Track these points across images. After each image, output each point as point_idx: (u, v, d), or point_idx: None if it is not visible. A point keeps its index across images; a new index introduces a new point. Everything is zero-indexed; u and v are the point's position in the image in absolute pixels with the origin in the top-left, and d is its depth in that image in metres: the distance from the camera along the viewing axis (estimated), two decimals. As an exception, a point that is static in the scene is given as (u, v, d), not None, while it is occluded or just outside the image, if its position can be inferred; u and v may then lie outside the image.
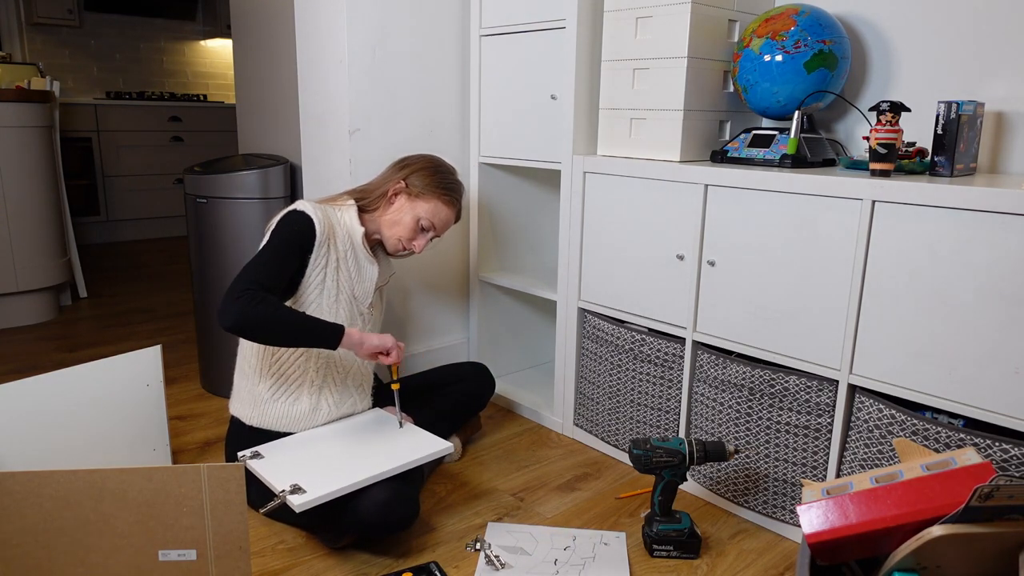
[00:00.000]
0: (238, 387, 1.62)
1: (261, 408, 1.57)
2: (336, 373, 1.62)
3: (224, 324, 1.37)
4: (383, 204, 1.65)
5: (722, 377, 1.62)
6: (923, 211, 1.29)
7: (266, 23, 2.40)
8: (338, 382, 1.63)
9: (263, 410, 1.57)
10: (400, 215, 1.64)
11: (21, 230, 2.89)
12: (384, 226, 1.65)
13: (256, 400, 1.57)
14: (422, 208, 1.64)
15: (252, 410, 1.58)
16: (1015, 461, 1.21)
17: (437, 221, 1.66)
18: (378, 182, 1.69)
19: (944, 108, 1.39)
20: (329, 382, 1.61)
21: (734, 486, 1.65)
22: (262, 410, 1.57)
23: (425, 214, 1.64)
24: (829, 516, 1.10)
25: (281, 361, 1.55)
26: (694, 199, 1.63)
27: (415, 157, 1.71)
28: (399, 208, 1.64)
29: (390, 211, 1.65)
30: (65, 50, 4.82)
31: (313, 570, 1.42)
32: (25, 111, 2.87)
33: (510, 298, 2.36)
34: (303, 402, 1.58)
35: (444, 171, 1.70)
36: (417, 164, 1.68)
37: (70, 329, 2.94)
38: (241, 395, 1.60)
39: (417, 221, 1.64)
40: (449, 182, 1.68)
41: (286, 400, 1.57)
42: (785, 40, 1.60)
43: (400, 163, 1.71)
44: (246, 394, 1.59)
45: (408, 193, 1.64)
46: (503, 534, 1.53)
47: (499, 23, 2.04)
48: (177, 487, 1.18)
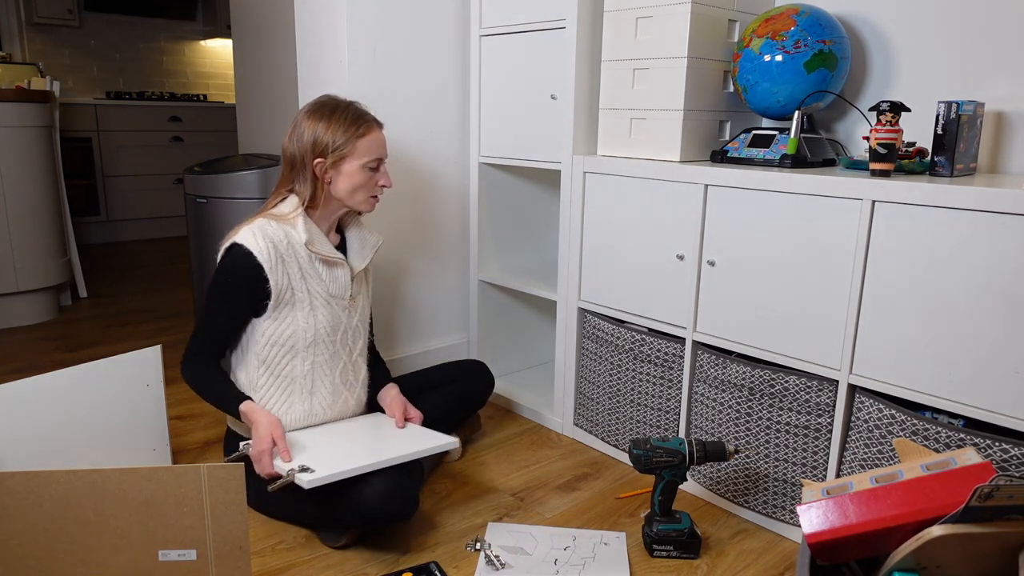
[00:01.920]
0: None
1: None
2: (324, 374, 1.59)
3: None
4: (321, 191, 1.53)
5: (722, 377, 1.62)
6: (923, 211, 1.29)
7: (266, 23, 2.40)
8: (327, 383, 1.60)
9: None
10: (347, 182, 1.52)
11: (21, 230, 2.89)
12: (345, 200, 1.55)
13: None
14: (356, 160, 1.51)
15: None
16: (1015, 461, 1.21)
17: (377, 153, 1.54)
18: (286, 185, 1.55)
19: (944, 108, 1.39)
20: (319, 384, 1.59)
21: (734, 486, 1.65)
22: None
23: (364, 157, 1.51)
24: (829, 516, 1.10)
25: (271, 370, 1.54)
26: (694, 199, 1.63)
27: (298, 131, 1.52)
28: (340, 179, 1.52)
29: (336, 189, 1.53)
30: (65, 50, 4.82)
31: (313, 570, 1.42)
32: (25, 111, 2.87)
33: (510, 298, 2.36)
34: (296, 408, 1.57)
35: (333, 111, 1.52)
36: (308, 134, 1.50)
37: (70, 329, 2.94)
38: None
39: (364, 169, 1.52)
40: (349, 117, 1.52)
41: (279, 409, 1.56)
42: (785, 40, 1.60)
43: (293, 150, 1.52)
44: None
45: (332, 163, 1.50)
46: (503, 534, 1.53)
47: (499, 23, 2.04)
48: (177, 487, 1.18)
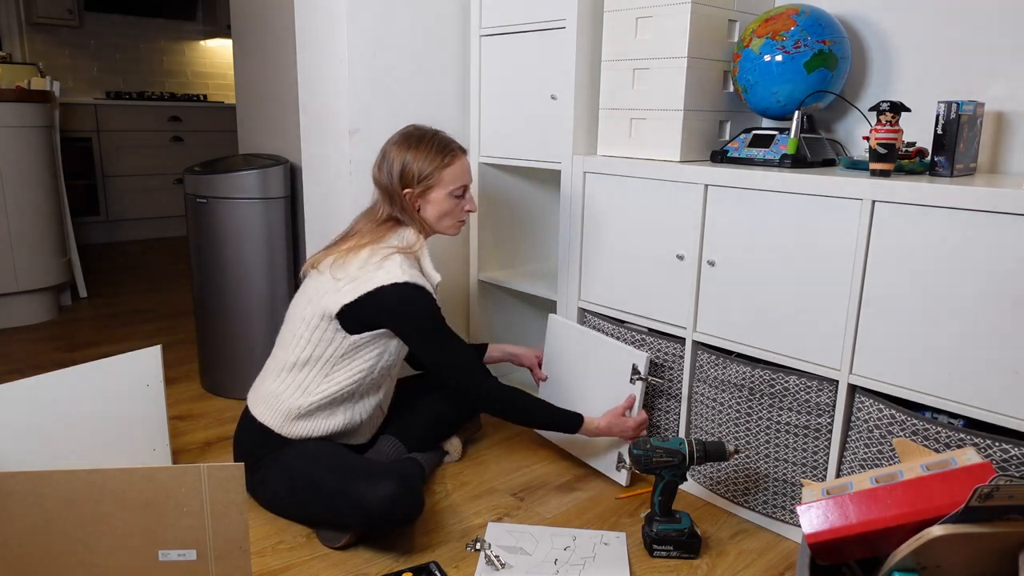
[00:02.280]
0: (272, 393, 1.57)
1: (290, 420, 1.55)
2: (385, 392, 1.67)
3: (482, 409, 1.70)
4: (414, 221, 1.60)
5: (722, 377, 1.62)
6: (923, 211, 1.29)
7: (266, 23, 2.40)
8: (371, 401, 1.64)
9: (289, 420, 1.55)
10: (435, 209, 1.60)
11: (21, 230, 2.89)
12: (434, 227, 1.63)
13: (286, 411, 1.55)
14: (442, 188, 1.58)
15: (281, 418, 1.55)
16: (1015, 461, 1.21)
17: (461, 180, 1.62)
18: (387, 213, 1.60)
19: (944, 108, 1.39)
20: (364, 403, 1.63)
21: (734, 486, 1.65)
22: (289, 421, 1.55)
23: (450, 186, 1.59)
24: (829, 516, 1.10)
25: (339, 383, 1.55)
26: (694, 199, 1.63)
27: (387, 161, 1.59)
28: (427, 207, 1.60)
29: (424, 216, 1.61)
30: (65, 50, 4.82)
31: (313, 570, 1.42)
32: (25, 111, 2.87)
33: (510, 298, 2.36)
34: (337, 417, 1.58)
35: (420, 141, 1.59)
36: (396, 164, 1.57)
37: (70, 329, 2.94)
38: (272, 403, 1.57)
39: (451, 196, 1.60)
40: (435, 146, 1.58)
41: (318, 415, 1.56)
42: (785, 40, 1.60)
43: (385, 182, 1.59)
44: (280, 404, 1.56)
45: (421, 193, 1.58)
46: (503, 534, 1.53)
47: (499, 23, 2.04)
48: (177, 487, 1.18)
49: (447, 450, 1.85)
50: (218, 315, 2.18)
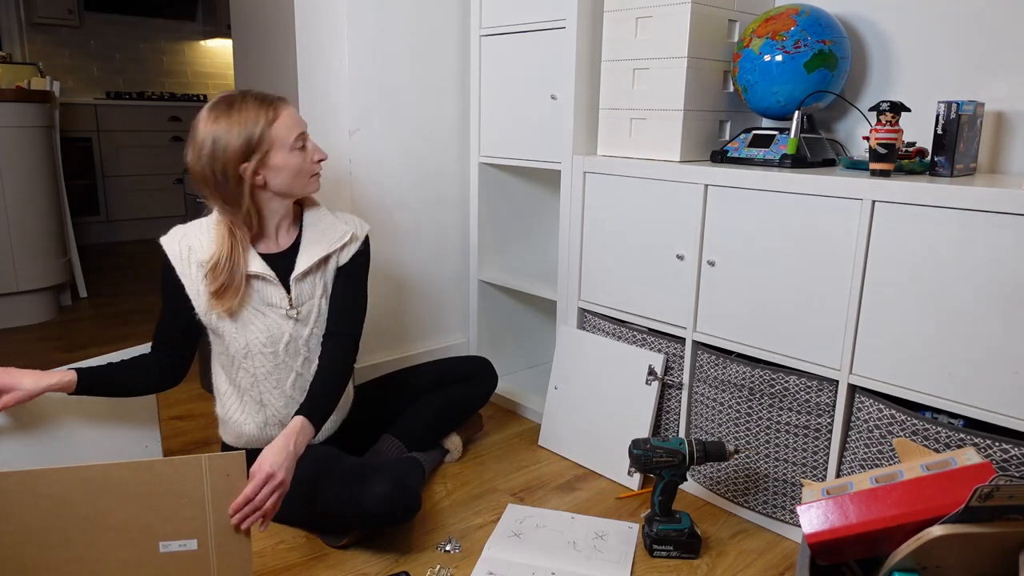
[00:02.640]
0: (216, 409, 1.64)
1: (226, 428, 1.60)
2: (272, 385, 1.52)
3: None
4: (260, 197, 1.42)
5: (722, 377, 1.62)
6: (923, 211, 1.29)
7: (266, 23, 2.40)
8: (276, 394, 1.53)
9: (227, 430, 1.60)
10: (284, 174, 1.40)
11: (21, 230, 2.89)
12: (288, 190, 1.43)
13: (220, 420, 1.61)
14: (279, 147, 1.38)
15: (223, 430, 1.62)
16: (1015, 461, 1.21)
17: (296, 128, 1.41)
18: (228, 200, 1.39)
19: (944, 108, 1.39)
20: (268, 395, 1.53)
21: (734, 486, 1.65)
22: (226, 430, 1.60)
23: (286, 139, 1.38)
24: (829, 516, 1.10)
25: (228, 377, 1.56)
26: (694, 199, 1.63)
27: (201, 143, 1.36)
28: (272, 174, 1.39)
29: (274, 185, 1.41)
30: (65, 50, 4.82)
31: (313, 570, 1.42)
32: (25, 111, 2.87)
33: (510, 298, 2.36)
34: (251, 419, 1.56)
35: (231, 107, 1.36)
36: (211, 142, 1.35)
37: (70, 329, 2.94)
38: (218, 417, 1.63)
39: (292, 151, 1.39)
40: (255, 104, 1.37)
41: (239, 418, 1.56)
42: (785, 40, 1.60)
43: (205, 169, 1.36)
44: (218, 416, 1.62)
45: (260, 162, 1.37)
46: (519, 520, 1.53)
47: (499, 23, 2.04)
48: (179, 479, 1.18)
49: (447, 448, 1.85)
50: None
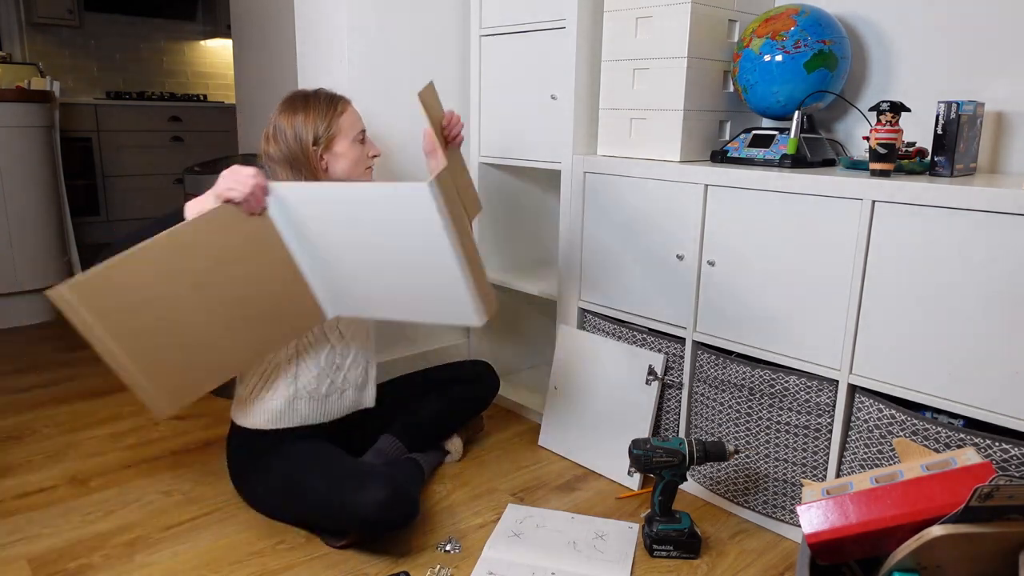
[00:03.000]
0: (236, 389, 1.63)
1: (247, 409, 1.58)
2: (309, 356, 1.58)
3: None
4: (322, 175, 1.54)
5: (722, 377, 1.62)
6: (923, 211, 1.29)
7: (266, 23, 2.40)
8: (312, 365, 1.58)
9: (248, 410, 1.58)
10: (343, 160, 1.54)
11: (21, 230, 2.89)
12: (347, 175, 1.56)
13: (242, 401, 1.59)
14: (344, 137, 1.53)
15: (240, 411, 1.60)
16: (1015, 461, 1.21)
17: (359, 125, 1.58)
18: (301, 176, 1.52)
19: (944, 108, 1.39)
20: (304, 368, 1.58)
21: (734, 486, 1.65)
22: (247, 410, 1.58)
23: (350, 133, 1.55)
24: (829, 516, 1.10)
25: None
26: (694, 199, 1.63)
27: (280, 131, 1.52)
28: (335, 160, 1.54)
29: (334, 171, 1.55)
30: (65, 50, 4.82)
31: (313, 570, 1.42)
32: (25, 111, 2.87)
33: (510, 298, 2.36)
34: (280, 393, 1.56)
35: (306, 101, 1.54)
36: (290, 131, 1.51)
37: (70, 329, 2.93)
38: (236, 397, 1.62)
39: (354, 143, 1.55)
40: (322, 101, 1.54)
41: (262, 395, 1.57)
42: (785, 40, 1.60)
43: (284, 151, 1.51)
44: (238, 396, 1.61)
45: (325, 148, 1.52)
46: (519, 520, 1.53)
47: (499, 23, 2.04)
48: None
49: (448, 449, 1.85)
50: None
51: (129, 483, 1.73)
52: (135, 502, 1.65)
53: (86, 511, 1.61)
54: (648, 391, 1.75)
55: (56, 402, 2.20)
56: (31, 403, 2.19)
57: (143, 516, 1.59)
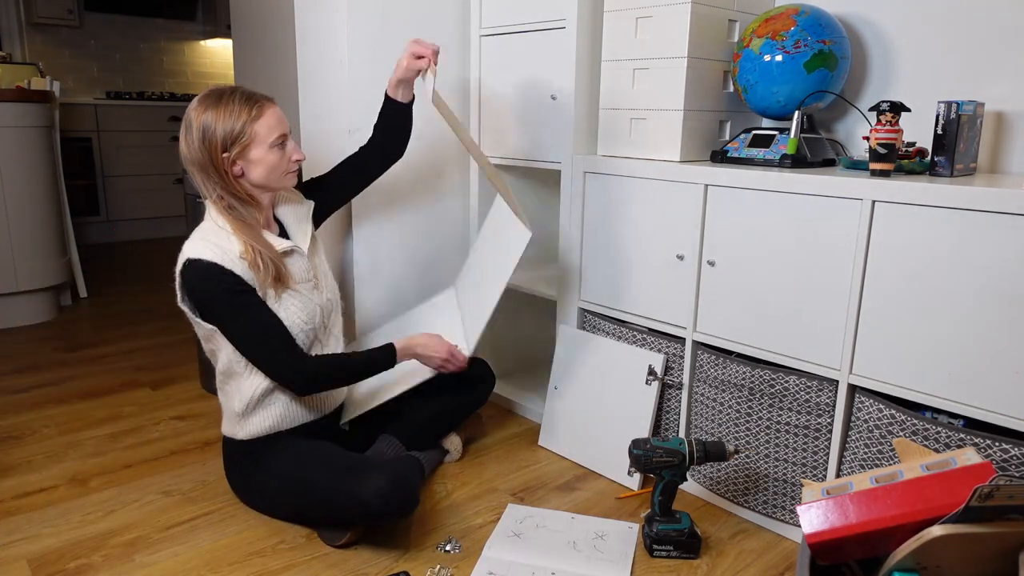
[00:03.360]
0: (223, 407, 1.61)
1: (243, 420, 1.55)
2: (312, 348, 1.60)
3: (305, 393, 1.55)
4: (239, 185, 1.48)
5: (722, 377, 1.62)
6: (923, 211, 1.29)
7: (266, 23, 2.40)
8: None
9: (245, 422, 1.55)
10: (260, 167, 1.47)
11: (21, 230, 2.89)
12: (265, 183, 1.49)
13: (236, 416, 1.56)
14: (260, 142, 1.45)
15: (236, 426, 1.57)
16: (1015, 461, 1.21)
17: (278, 129, 1.48)
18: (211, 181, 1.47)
19: (944, 108, 1.39)
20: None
21: (734, 486, 1.65)
22: (243, 422, 1.55)
23: (266, 138, 1.46)
24: (829, 516, 1.10)
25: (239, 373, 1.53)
26: (694, 199, 1.63)
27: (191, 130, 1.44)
28: (251, 167, 1.47)
29: (251, 178, 1.48)
30: (65, 50, 4.82)
31: (313, 570, 1.42)
32: (25, 111, 2.87)
33: (510, 298, 2.36)
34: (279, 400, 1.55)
35: (220, 99, 1.44)
36: (198, 130, 1.43)
37: (70, 329, 2.94)
38: (227, 414, 1.60)
39: (272, 147, 1.47)
40: (239, 101, 1.45)
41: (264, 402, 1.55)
42: (785, 40, 1.60)
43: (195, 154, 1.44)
44: (230, 413, 1.58)
45: (239, 154, 1.45)
46: (519, 520, 1.53)
47: (499, 23, 2.04)
48: None
49: (447, 448, 1.85)
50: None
51: (129, 483, 1.73)
52: (135, 502, 1.65)
53: (86, 511, 1.61)
54: (648, 391, 1.75)
55: (56, 402, 2.20)
56: (31, 403, 2.19)
57: (143, 516, 1.59)
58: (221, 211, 1.49)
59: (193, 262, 1.43)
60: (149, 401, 2.22)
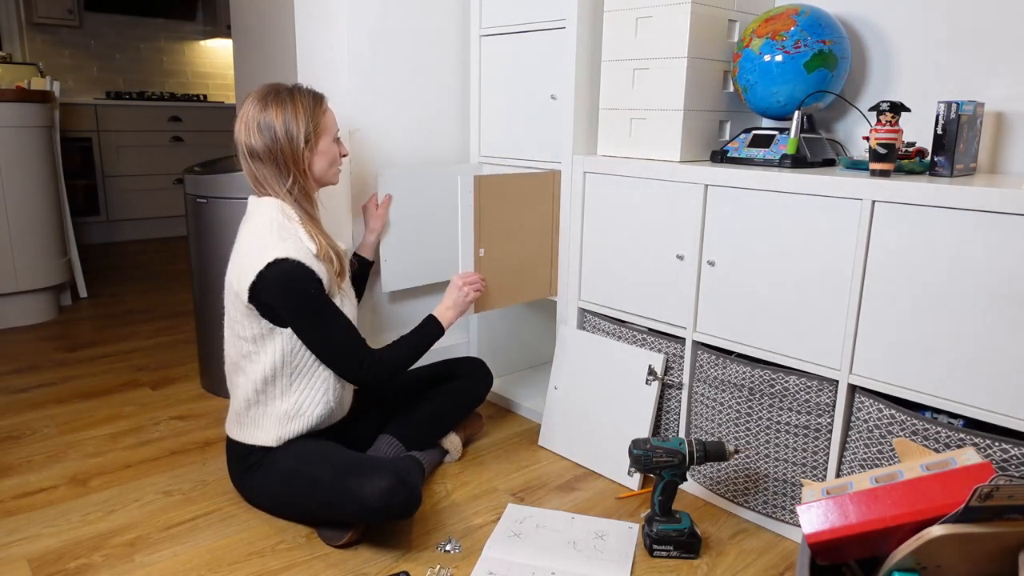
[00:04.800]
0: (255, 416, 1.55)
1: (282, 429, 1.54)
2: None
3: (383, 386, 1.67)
4: (309, 178, 1.56)
5: (722, 377, 1.62)
6: (923, 211, 1.29)
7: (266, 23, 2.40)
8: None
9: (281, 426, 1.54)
10: (323, 160, 1.57)
11: (21, 230, 2.89)
12: (323, 175, 1.59)
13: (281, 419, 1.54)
14: (327, 135, 1.57)
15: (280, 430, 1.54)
16: (1015, 461, 1.21)
17: (337, 124, 1.62)
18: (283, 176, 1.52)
19: (944, 108, 1.39)
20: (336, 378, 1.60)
21: (734, 486, 1.65)
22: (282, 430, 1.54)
23: (333, 132, 1.59)
24: (829, 516, 1.10)
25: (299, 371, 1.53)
26: (694, 199, 1.63)
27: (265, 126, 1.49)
28: (316, 159, 1.56)
29: (314, 171, 1.56)
30: (65, 50, 4.82)
31: (313, 570, 1.42)
32: (25, 111, 2.87)
33: (510, 298, 2.36)
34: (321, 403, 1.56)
35: (292, 97, 1.52)
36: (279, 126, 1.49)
37: (70, 329, 2.94)
38: (260, 422, 1.55)
39: (332, 144, 1.59)
40: (308, 98, 1.54)
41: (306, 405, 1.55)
42: (785, 40, 1.60)
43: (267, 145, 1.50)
44: (267, 420, 1.54)
45: (311, 146, 1.54)
46: (519, 520, 1.53)
47: (499, 23, 2.04)
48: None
49: (446, 448, 1.85)
50: (218, 315, 2.18)
51: (129, 483, 1.73)
52: (135, 502, 1.65)
53: (86, 511, 1.61)
54: (648, 391, 1.75)
55: (56, 402, 2.20)
56: (31, 403, 2.19)
57: (143, 516, 1.59)
58: (291, 204, 1.53)
59: (280, 261, 1.44)
60: (149, 401, 2.22)
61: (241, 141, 1.52)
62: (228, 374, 1.60)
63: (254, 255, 1.45)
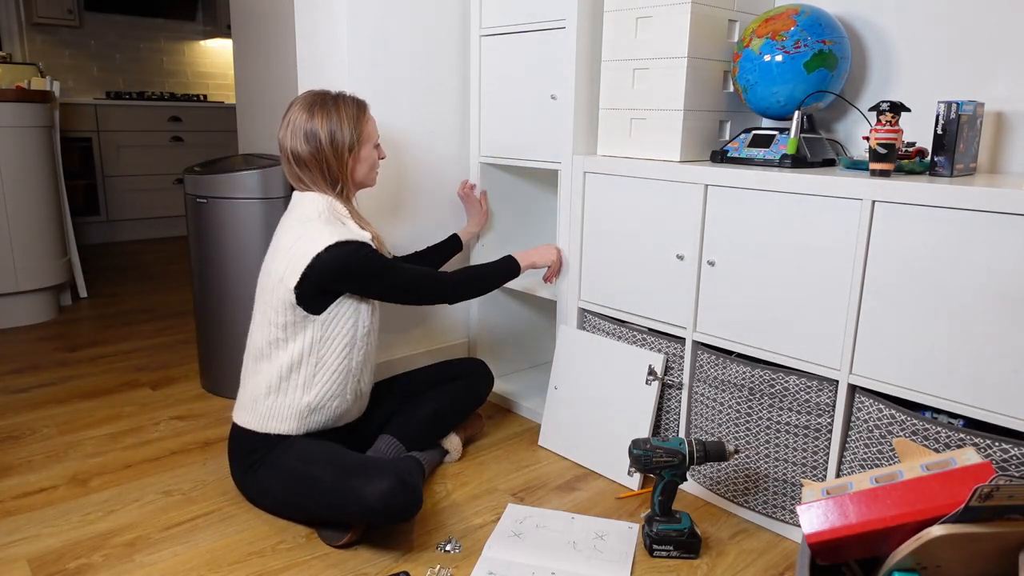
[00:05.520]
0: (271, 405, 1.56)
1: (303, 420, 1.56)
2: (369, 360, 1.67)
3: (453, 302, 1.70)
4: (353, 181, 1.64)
5: (722, 377, 1.62)
6: (923, 211, 1.29)
7: (266, 23, 2.40)
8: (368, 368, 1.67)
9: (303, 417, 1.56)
10: (364, 164, 1.63)
11: (21, 230, 2.89)
12: (363, 179, 1.66)
13: (301, 411, 1.56)
14: (369, 143, 1.63)
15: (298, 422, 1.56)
16: (1015, 461, 1.21)
17: (377, 130, 1.70)
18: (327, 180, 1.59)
19: (944, 108, 1.39)
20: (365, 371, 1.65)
21: (734, 486, 1.65)
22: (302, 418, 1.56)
23: (374, 139, 1.65)
24: (829, 516, 1.10)
25: (325, 362, 1.55)
26: (694, 199, 1.63)
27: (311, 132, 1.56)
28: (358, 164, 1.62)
29: (355, 175, 1.63)
30: (65, 50, 4.82)
31: (313, 570, 1.42)
32: (25, 111, 2.87)
33: (510, 298, 2.36)
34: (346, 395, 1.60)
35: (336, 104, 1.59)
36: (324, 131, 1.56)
37: (70, 329, 2.94)
38: (278, 411, 1.56)
39: (372, 149, 1.65)
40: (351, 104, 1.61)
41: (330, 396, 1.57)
42: (785, 40, 1.60)
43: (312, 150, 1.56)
44: (287, 410, 1.56)
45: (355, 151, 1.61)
46: (519, 520, 1.54)
47: (499, 23, 2.04)
48: None
49: (447, 449, 1.85)
50: (218, 315, 2.18)
51: (129, 483, 1.73)
52: (135, 502, 1.65)
53: (86, 511, 1.61)
54: (648, 391, 1.75)
55: (56, 402, 2.20)
56: (31, 403, 2.19)
57: (143, 516, 1.59)
58: (343, 202, 1.61)
59: (339, 244, 1.49)
60: (149, 401, 2.22)
61: (287, 147, 1.58)
62: (248, 361, 1.61)
63: (307, 240, 1.50)
